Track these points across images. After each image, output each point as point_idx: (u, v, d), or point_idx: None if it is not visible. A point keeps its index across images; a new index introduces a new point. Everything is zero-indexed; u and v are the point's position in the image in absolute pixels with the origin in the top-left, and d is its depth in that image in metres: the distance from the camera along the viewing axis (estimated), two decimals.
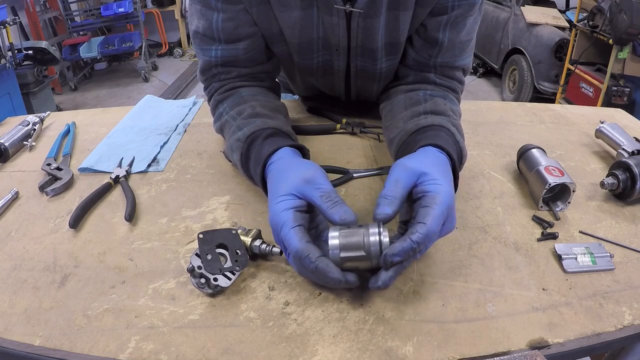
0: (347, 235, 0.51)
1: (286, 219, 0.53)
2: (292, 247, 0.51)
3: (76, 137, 0.97)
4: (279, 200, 0.55)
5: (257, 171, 0.64)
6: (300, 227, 0.53)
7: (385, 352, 0.49)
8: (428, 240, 0.50)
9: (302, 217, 0.54)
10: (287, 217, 0.53)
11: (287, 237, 0.52)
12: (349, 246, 0.51)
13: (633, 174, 0.69)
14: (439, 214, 0.51)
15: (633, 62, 3.07)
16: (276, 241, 0.56)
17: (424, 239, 0.49)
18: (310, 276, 0.54)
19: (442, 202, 0.52)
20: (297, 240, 0.51)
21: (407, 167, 0.56)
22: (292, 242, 0.51)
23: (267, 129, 0.67)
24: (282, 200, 0.55)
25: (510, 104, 1.10)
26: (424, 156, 0.59)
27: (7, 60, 3.05)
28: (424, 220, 0.50)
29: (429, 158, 0.59)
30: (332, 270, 0.50)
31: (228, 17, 0.73)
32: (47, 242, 0.66)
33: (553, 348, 0.50)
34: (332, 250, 0.51)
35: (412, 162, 0.57)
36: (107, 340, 0.50)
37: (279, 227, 0.53)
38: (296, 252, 0.51)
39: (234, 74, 0.79)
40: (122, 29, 5.75)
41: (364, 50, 0.78)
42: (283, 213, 0.53)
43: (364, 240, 0.50)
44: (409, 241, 0.49)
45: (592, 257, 0.60)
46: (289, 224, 0.52)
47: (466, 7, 0.72)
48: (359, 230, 0.51)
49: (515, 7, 4.17)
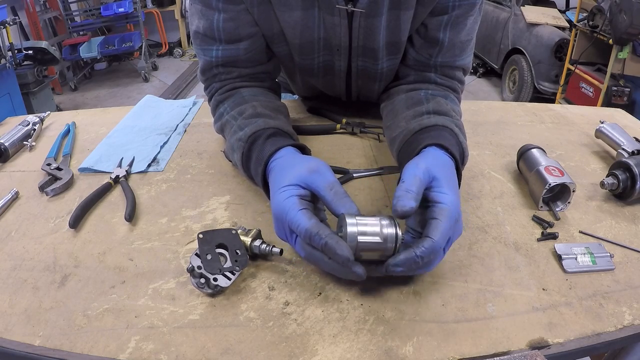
0: (364, 224, 0.51)
1: (292, 203, 0.53)
2: (302, 227, 0.51)
3: (76, 137, 0.97)
4: (283, 190, 0.55)
5: (259, 170, 0.64)
6: (307, 210, 0.53)
7: (385, 352, 0.49)
8: (433, 255, 0.50)
9: (307, 204, 0.54)
10: (292, 202, 0.53)
11: (294, 219, 0.52)
12: (367, 232, 0.50)
13: (633, 174, 0.69)
14: (446, 229, 0.51)
15: (633, 62, 3.07)
16: (280, 232, 0.55)
17: (429, 254, 0.50)
18: (318, 260, 0.53)
19: (450, 217, 0.52)
20: (306, 220, 0.51)
21: (423, 167, 0.55)
22: (300, 222, 0.51)
23: (269, 129, 0.67)
24: (286, 190, 0.55)
25: (510, 104, 1.10)
26: (432, 159, 0.59)
27: (7, 60, 3.05)
28: (431, 235, 0.50)
29: (437, 162, 0.58)
30: (341, 247, 0.49)
31: (229, 17, 0.73)
32: (47, 242, 0.66)
33: (553, 348, 0.50)
34: (350, 233, 0.50)
35: (425, 163, 0.56)
36: (107, 340, 0.50)
37: (285, 212, 0.53)
38: (306, 230, 0.50)
39: (235, 74, 0.79)
40: (122, 29, 5.75)
41: (365, 50, 0.78)
42: (288, 200, 0.53)
43: (381, 229, 0.50)
44: (414, 255, 0.49)
45: (592, 257, 0.60)
46: (296, 207, 0.52)
47: (466, 7, 0.72)
48: (374, 219, 0.51)
49: (515, 7, 4.18)
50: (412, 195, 0.51)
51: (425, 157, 0.59)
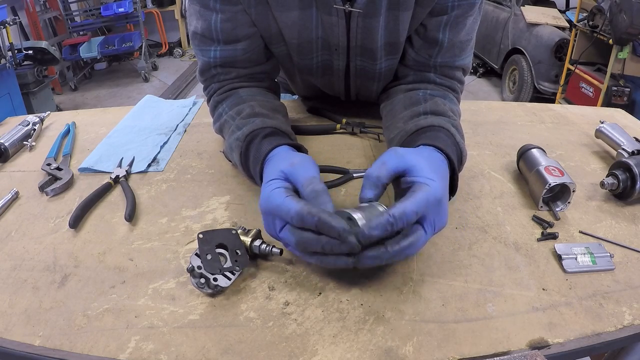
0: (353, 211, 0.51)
1: (278, 193, 0.53)
2: (292, 211, 0.49)
3: (76, 137, 0.97)
4: (268, 184, 0.55)
5: (257, 169, 0.64)
6: (293, 196, 0.52)
7: (385, 352, 0.49)
8: (406, 221, 0.49)
9: (293, 194, 0.54)
10: (278, 192, 0.53)
11: (283, 205, 0.51)
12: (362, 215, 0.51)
13: (633, 174, 0.69)
14: (422, 199, 0.50)
15: (633, 62, 3.07)
16: (269, 227, 0.55)
17: (401, 216, 0.48)
18: (309, 242, 0.50)
19: (429, 192, 0.51)
20: (294, 203, 0.50)
21: (399, 153, 0.56)
22: (290, 206, 0.50)
23: (266, 128, 0.68)
24: (271, 183, 0.55)
25: (510, 104, 1.10)
26: (419, 151, 0.59)
27: (7, 60, 3.05)
28: (404, 201, 0.50)
29: (423, 154, 0.58)
30: (336, 219, 0.48)
31: (226, 17, 0.73)
32: (47, 242, 0.66)
33: (553, 348, 0.50)
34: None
35: (404, 151, 0.57)
36: (107, 340, 0.50)
37: (272, 202, 0.52)
38: (297, 213, 0.49)
39: (233, 74, 0.79)
40: (122, 29, 5.75)
41: (364, 50, 0.78)
42: (274, 191, 0.53)
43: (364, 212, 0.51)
44: (387, 216, 0.48)
45: (592, 257, 0.60)
46: (282, 195, 0.52)
47: (466, 7, 0.72)
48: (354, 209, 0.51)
49: (515, 7, 4.17)
50: (373, 182, 0.54)
51: (410, 149, 0.59)
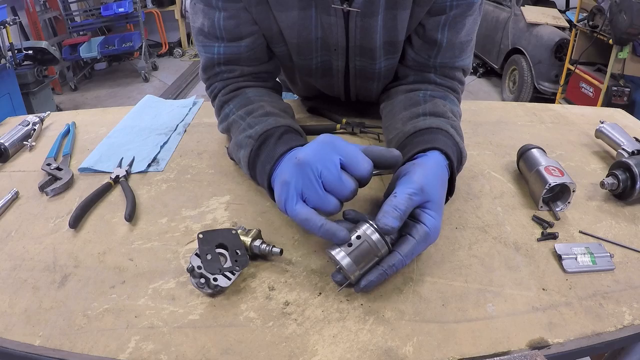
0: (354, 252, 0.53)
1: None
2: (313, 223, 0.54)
3: (76, 137, 0.97)
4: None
5: (267, 168, 0.63)
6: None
7: (385, 352, 0.49)
8: (397, 268, 0.54)
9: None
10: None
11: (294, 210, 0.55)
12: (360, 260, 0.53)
13: (633, 174, 0.69)
14: (416, 249, 0.54)
15: (633, 62, 3.07)
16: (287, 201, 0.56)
17: (395, 269, 0.54)
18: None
19: (426, 240, 0.55)
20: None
21: (418, 185, 0.55)
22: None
23: (281, 127, 0.67)
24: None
25: (510, 104, 1.10)
26: (433, 174, 0.58)
27: (7, 60, 3.05)
28: (400, 251, 0.53)
29: (437, 175, 0.58)
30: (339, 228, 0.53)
31: (229, 15, 0.73)
32: (47, 242, 0.66)
33: (553, 348, 0.50)
34: (347, 265, 0.52)
35: (421, 181, 0.56)
36: (107, 340, 0.50)
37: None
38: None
39: (237, 72, 0.79)
40: (122, 29, 5.75)
41: (363, 50, 0.78)
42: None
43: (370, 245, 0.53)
44: (382, 271, 0.53)
45: (592, 257, 0.60)
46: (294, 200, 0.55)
47: (465, 7, 0.72)
48: (357, 240, 0.53)
49: (515, 7, 4.17)
50: (398, 214, 0.52)
51: (422, 168, 0.58)
